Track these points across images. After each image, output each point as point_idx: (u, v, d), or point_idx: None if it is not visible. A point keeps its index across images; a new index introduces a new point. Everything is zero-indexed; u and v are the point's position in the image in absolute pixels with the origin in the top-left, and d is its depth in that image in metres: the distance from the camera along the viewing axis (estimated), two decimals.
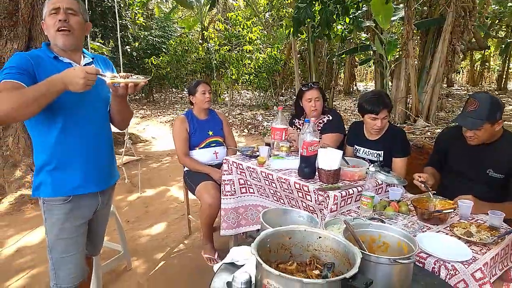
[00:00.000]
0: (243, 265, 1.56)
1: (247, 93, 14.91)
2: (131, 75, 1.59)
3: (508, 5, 11.30)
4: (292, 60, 10.34)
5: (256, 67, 10.35)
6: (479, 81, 20.50)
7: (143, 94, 14.27)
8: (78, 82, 1.43)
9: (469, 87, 17.96)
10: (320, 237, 1.43)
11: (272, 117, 9.79)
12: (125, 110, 1.88)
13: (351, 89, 16.96)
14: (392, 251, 1.49)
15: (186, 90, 15.02)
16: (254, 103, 12.21)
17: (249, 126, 8.71)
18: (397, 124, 7.71)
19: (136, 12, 12.40)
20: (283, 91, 13.23)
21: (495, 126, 2.09)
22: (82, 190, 1.73)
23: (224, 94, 12.77)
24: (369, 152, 2.65)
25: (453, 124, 5.05)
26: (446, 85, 16.56)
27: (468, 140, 2.18)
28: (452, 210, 1.90)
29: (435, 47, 7.90)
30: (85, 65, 1.73)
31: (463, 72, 24.53)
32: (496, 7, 12.26)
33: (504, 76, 16.73)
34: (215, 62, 11.21)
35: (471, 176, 2.25)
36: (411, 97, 7.89)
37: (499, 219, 1.83)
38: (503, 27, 14.88)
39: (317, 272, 1.36)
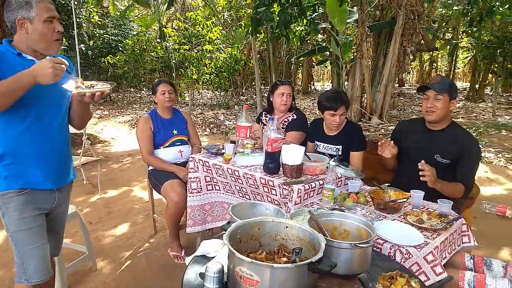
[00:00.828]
0: (214, 256, 1.62)
1: (208, 93, 14.87)
2: (96, 84, 1.64)
3: (453, 8, 12.06)
4: (252, 60, 10.46)
5: (217, 66, 10.37)
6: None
7: None
8: (47, 73, 1.47)
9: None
10: (287, 227, 1.53)
11: (234, 116, 9.86)
12: (87, 113, 1.93)
13: (309, 89, 17.37)
14: (352, 237, 1.61)
15: (144, 89, 14.74)
16: (215, 103, 12.22)
17: (211, 125, 8.72)
18: (353, 122, 8.05)
19: (91, 10, 12.00)
20: (243, 90, 13.32)
21: (450, 104, 2.31)
22: (38, 185, 1.74)
23: (185, 93, 12.66)
24: (329, 147, 2.79)
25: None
26: (397, 85, 17.38)
27: (426, 114, 2.36)
28: (405, 200, 2.07)
29: (387, 48, 8.32)
30: None
31: (413, 72, 25.84)
32: (444, 11, 13.06)
33: (451, 76, 17.82)
34: (174, 61, 11.10)
35: (417, 159, 2.32)
36: (365, 96, 8.26)
37: (447, 207, 2.01)
38: (449, 29, 15.85)
39: (284, 259, 1.46)
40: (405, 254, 1.66)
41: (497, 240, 3.31)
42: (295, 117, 3.06)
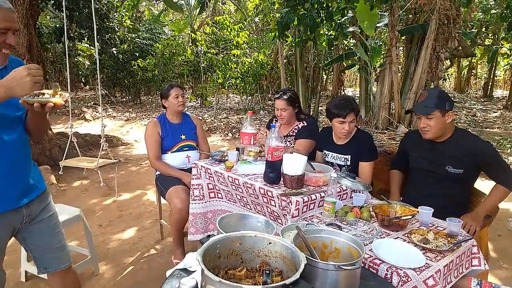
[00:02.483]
0: (195, 271, 1.54)
1: (236, 97, 14.90)
2: (43, 93, 1.43)
3: (491, 12, 11.48)
4: (279, 64, 10.37)
5: (242, 71, 10.35)
6: (465, 88, 20.75)
7: (129, 97, 14.17)
8: (25, 82, 1.33)
9: (456, 94, 18.16)
10: (270, 243, 1.42)
11: (258, 121, 9.79)
12: (42, 123, 1.74)
13: (339, 94, 17.06)
14: (343, 256, 1.49)
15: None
16: (242, 107, 12.21)
17: (234, 130, 8.69)
18: (379, 129, 7.77)
19: (123, 14, 12.31)
20: (269, 95, 13.25)
21: (446, 117, 2.20)
22: None
23: (212, 97, 12.74)
24: (337, 157, 2.66)
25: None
26: None
27: (422, 133, 2.29)
28: (411, 217, 1.91)
29: (419, 54, 7.99)
30: None
31: (450, 79, 24.85)
32: (482, 15, 12.45)
33: (490, 84, 16.97)
34: (203, 65, 11.19)
35: (432, 174, 2.33)
36: (394, 103, 7.95)
37: (457, 226, 1.84)
38: (489, 35, 15.11)
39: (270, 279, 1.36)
40: (403, 277, 1.52)
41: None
42: (305, 124, 2.94)
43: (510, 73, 20.43)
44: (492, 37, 15.53)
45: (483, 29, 13.58)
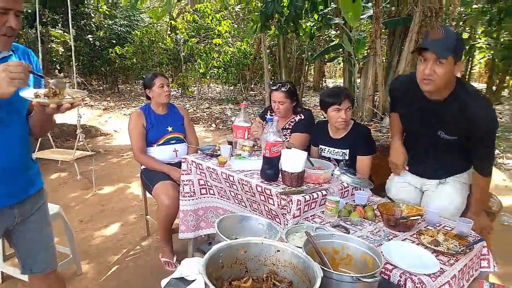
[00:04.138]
0: (194, 280, 1.40)
1: (217, 87, 14.64)
2: (59, 92, 1.32)
3: (473, 6, 11.61)
4: (262, 54, 10.21)
5: (225, 61, 10.12)
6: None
7: (107, 85, 13.70)
8: (0, 79, 1.20)
9: None
10: (278, 251, 1.30)
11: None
12: (49, 124, 1.62)
13: (321, 86, 17.03)
14: (356, 263, 1.38)
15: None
16: (224, 97, 11.99)
17: (217, 121, 8.51)
18: (364, 122, 7.75)
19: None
20: (252, 85, 13.08)
21: (456, 68, 1.80)
22: None
23: (193, 87, 12.45)
24: (334, 152, 2.55)
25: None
26: None
27: (423, 83, 1.83)
28: (419, 217, 1.82)
29: (402, 46, 7.99)
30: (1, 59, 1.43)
31: None
32: (463, 9, 12.58)
33: (467, 77, 17.30)
34: (183, 54, 10.89)
35: (424, 137, 2.09)
36: (378, 95, 7.95)
37: (467, 226, 1.76)
38: (467, 28, 15.33)
39: None
40: (417, 284, 1.42)
41: None
42: (302, 117, 2.81)
43: (486, 67, 20.89)
44: (469, 30, 15.78)
45: (461, 23, 13.76)
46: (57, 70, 15.66)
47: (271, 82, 2.81)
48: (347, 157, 2.51)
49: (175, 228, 2.83)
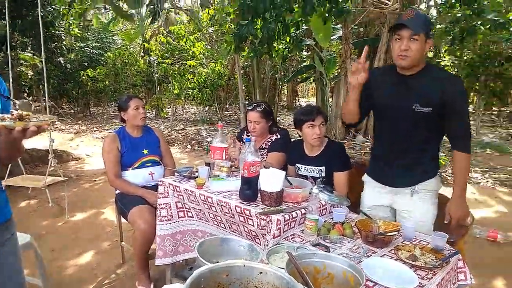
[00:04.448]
0: None
1: (192, 108, 14.62)
2: (28, 114, 1.24)
3: (437, 26, 12.20)
4: (236, 75, 10.32)
5: (199, 81, 10.16)
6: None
7: (78, 108, 13.44)
8: None
9: None
10: (261, 273, 1.28)
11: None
12: (16, 150, 1.49)
13: (294, 105, 17.32)
14: (338, 282, 1.38)
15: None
16: (199, 118, 11.98)
17: (192, 142, 8.46)
18: (337, 139, 7.89)
19: (71, 22, 11.70)
20: (227, 106, 13.13)
21: (426, 45, 1.94)
22: None
23: (168, 108, 12.38)
24: (311, 169, 2.59)
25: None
26: None
27: (399, 59, 1.96)
28: (396, 232, 1.85)
29: (371, 65, 8.26)
30: None
31: None
32: None
33: None
34: (157, 75, 10.87)
35: (394, 112, 2.09)
36: None
37: (442, 240, 1.80)
38: (431, 48, 16.06)
39: None
40: None
41: (489, 267, 3.12)
42: (278, 136, 2.85)
43: None
44: (433, 50, 16.53)
45: None
46: (26, 94, 15.27)
47: (246, 102, 2.84)
48: (323, 174, 2.54)
49: (151, 254, 2.75)
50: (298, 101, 18.79)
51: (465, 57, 11.47)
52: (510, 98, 13.64)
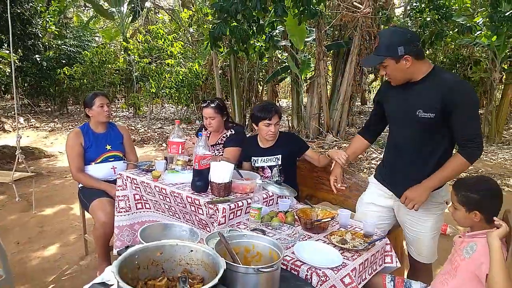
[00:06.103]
0: (113, 284, 1.48)
1: (172, 107, 14.64)
2: None
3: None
4: (214, 75, 10.42)
5: (177, 81, 10.23)
6: None
7: (55, 106, 13.30)
8: None
9: None
10: (191, 251, 1.42)
11: (194, 131, 9.71)
12: None
13: None
14: (265, 260, 1.53)
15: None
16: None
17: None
18: (310, 138, 8.09)
19: (48, 20, 11.59)
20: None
21: (402, 63, 1.86)
22: None
23: (146, 107, 12.39)
24: (268, 159, 2.75)
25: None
26: (360, 103, 17.79)
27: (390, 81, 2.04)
28: (330, 219, 2.01)
29: (345, 68, 8.49)
30: None
31: (374, 91, 26.63)
32: None
33: None
34: (135, 74, 10.88)
35: (401, 120, 2.06)
36: (323, 114, 8.35)
37: (372, 226, 1.97)
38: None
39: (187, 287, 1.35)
40: (322, 277, 1.59)
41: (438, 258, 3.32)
42: (233, 132, 2.98)
43: None
44: None
45: None
46: (2, 92, 15.02)
47: (202, 101, 2.96)
48: (279, 162, 2.71)
49: (112, 245, 2.85)
50: (279, 102, 18.96)
51: (437, 60, 11.85)
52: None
